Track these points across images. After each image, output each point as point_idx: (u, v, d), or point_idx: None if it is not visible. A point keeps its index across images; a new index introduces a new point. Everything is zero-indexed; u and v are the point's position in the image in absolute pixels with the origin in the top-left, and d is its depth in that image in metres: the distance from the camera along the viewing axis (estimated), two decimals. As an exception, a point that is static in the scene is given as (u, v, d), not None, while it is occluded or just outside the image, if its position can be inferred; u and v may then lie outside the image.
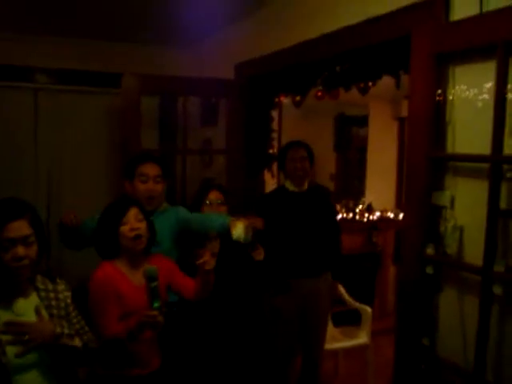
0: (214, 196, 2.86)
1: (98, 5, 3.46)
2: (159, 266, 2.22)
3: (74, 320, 1.86)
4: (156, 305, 2.02)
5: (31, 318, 1.68)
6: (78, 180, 4.37)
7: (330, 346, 3.67)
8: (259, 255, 2.80)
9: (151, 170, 2.74)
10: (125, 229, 2.21)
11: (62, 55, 4.29)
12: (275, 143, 4.21)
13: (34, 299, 1.74)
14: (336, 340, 3.79)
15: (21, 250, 1.64)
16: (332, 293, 3.47)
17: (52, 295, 1.80)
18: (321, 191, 3.46)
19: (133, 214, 2.24)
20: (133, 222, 2.22)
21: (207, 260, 2.27)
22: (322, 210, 3.35)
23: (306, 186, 3.33)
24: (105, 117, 4.47)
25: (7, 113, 4.24)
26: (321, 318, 3.38)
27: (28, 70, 4.28)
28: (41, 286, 1.76)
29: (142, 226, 2.25)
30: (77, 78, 4.38)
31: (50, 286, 1.81)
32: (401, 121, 5.85)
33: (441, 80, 2.23)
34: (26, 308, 1.70)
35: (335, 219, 3.60)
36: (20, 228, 1.66)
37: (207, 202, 2.85)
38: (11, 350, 1.59)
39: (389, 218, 5.32)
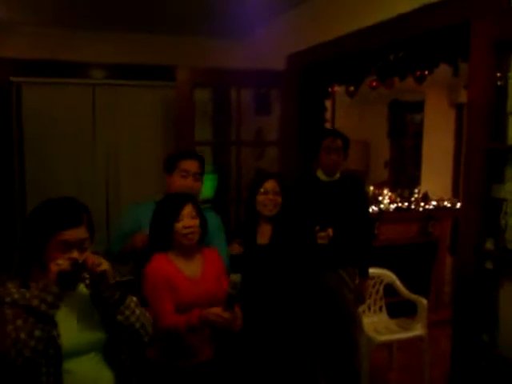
0: (270, 185, 2.83)
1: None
2: (212, 258, 2.35)
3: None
4: (230, 310, 2.12)
5: (79, 308, 1.75)
6: (135, 173, 4.47)
7: (384, 337, 3.65)
8: (324, 239, 2.82)
9: (192, 166, 2.73)
10: (179, 226, 2.28)
11: (117, 50, 4.38)
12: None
13: (80, 290, 1.79)
14: (391, 332, 3.75)
15: (75, 255, 1.66)
16: (358, 290, 3.34)
17: None
18: (353, 181, 3.39)
19: (187, 211, 2.31)
20: (187, 220, 2.29)
21: None
22: (352, 201, 3.28)
23: (337, 175, 3.28)
24: (159, 110, 4.55)
25: (67, 109, 4.38)
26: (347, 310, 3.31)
27: (86, 65, 4.40)
28: (87, 277, 1.78)
29: (196, 223, 2.32)
30: (132, 72, 4.46)
31: None
32: (458, 107, 5.67)
33: (502, 68, 2.15)
34: (75, 300, 1.76)
35: (367, 210, 3.53)
36: (78, 234, 1.69)
37: (262, 190, 2.82)
38: (66, 335, 1.67)
39: (445, 206, 5.18)
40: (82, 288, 1.80)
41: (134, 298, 1.82)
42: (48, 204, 1.74)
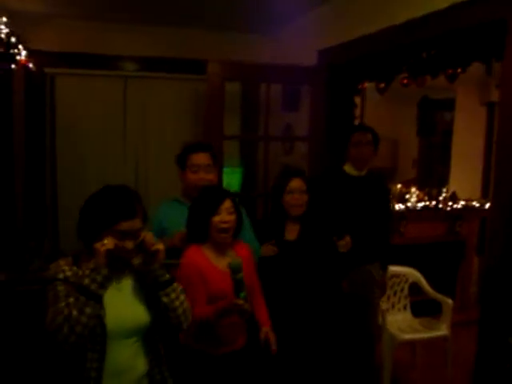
0: (296, 184, 2.81)
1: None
2: (243, 255, 2.36)
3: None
4: (242, 295, 2.13)
5: (127, 291, 1.83)
6: (164, 166, 4.52)
7: (408, 336, 3.63)
8: (344, 247, 2.81)
9: (201, 159, 2.71)
10: (216, 220, 2.31)
11: (149, 43, 4.44)
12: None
13: (129, 273, 1.86)
14: (415, 330, 3.74)
15: (130, 245, 1.73)
16: (382, 282, 3.39)
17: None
18: (377, 178, 3.40)
19: (226, 206, 2.33)
20: (224, 215, 2.32)
21: None
22: (377, 197, 3.30)
23: (365, 171, 3.28)
24: (189, 103, 4.60)
25: (99, 100, 4.46)
26: (371, 306, 3.35)
27: (118, 58, 4.47)
28: (135, 261, 1.84)
29: (232, 218, 2.34)
30: (164, 64, 4.52)
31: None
32: (490, 106, 5.58)
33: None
34: (123, 283, 1.84)
35: (388, 206, 3.53)
36: (133, 225, 1.74)
37: (288, 189, 2.80)
38: (112, 315, 1.74)
39: (473, 206, 5.11)
40: (130, 274, 1.86)
41: (179, 285, 1.88)
42: (105, 193, 1.80)
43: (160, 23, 4.37)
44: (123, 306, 1.80)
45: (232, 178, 4.54)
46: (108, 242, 1.66)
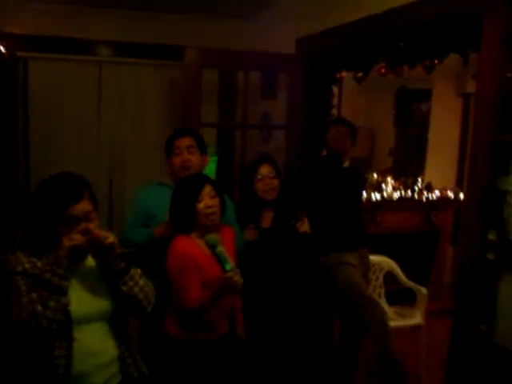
0: (265, 170, 2.86)
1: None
2: (227, 237, 2.39)
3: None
4: (228, 267, 2.12)
5: (89, 278, 1.83)
6: (139, 152, 4.47)
7: (382, 324, 3.67)
8: (303, 227, 2.85)
9: (184, 141, 2.76)
10: (200, 206, 2.30)
11: (125, 28, 4.36)
12: (334, 119, 4.16)
13: (89, 260, 1.85)
14: (389, 319, 3.77)
15: (83, 228, 1.71)
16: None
17: None
18: (357, 172, 3.53)
19: (207, 191, 2.33)
20: (207, 200, 2.32)
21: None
22: (357, 188, 3.43)
23: (346, 163, 3.34)
24: (166, 90, 4.54)
25: (73, 85, 4.37)
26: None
27: (93, 43, 4.38)
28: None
29: (216, 202, 2.35)
30: (140, 50, 4.44)
31: None
32: (466, 97, 5.63)
33: (512, 60, 2.14)
34: (85, 270, 1.83)
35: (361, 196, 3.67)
36: (82, 208, 1.74)
37: (259, 176, 2.85)
38: (76, 302, 1.74)
39: (448, 197, 5.18)
40: (91, 260, 1.85)
41: (139, 270, 1.88)
42: (48, 182, 1.79)
43: (136, 7, 4.29)
44: (86, 291, 1.80)
45: (209, 167, 4.50)
46: (77, 238, 1.66)
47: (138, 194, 2.84)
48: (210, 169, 4.61)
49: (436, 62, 3.74)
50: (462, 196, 5.03)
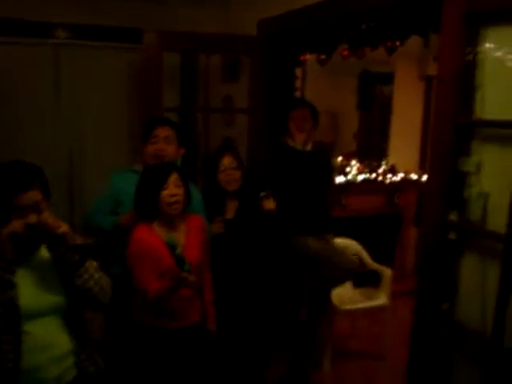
0: (227, 161, 2.88)
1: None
2: (194, 225, 2.40)
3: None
4: (185, 268, 2.14)
5: (40, 271, 1.77)
6: (99, 137, 4.36)
7: (348, 306, 3.71)
8: (269, 204, 2.90)
9: (162, 131, 2.76)
10: (164, 194, 2.29)
11: (83, 10, 4.21)
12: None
13: (42, 253, 1.81)
14: (355, 301, 3.82)
15: (33, 218, 1.67)
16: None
17: None
18: (322, 152, 3.51)
19: (173, 179, 2.32)
20: (172, 188, 2.30)
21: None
22: (322, 171, 3.41)
23: (309, 146, 3.34)
24: (127, 73, 4.42)
25: (29, 69, 4.21)
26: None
27: (49, 25, 4.22)
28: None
29: (181, 191, 2.34)
30: (98, 33, 4.31)
31: None
32: (428, 80, 5.70)
33: (472, 42, 2.15)
34: (36, 263, 1.78)
35: (330, 180, 3.65)
36: (31, 197, 1.68)
37: (221, 167, 2.87)
38: (27, 295, 1.70)
39: (411, 179, 5.26)
40: (45, 252, 1.80)
41: (94, 263, 1.83)
42: None
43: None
44: (36, 284, 1.75)
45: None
46: (14, 224, 1.61)
47: (111, 179, 2.81)
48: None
49: (398, 43, 3.75)
50: (424, 178, 5.10)
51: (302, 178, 3.27)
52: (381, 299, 3.78)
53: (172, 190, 2.30)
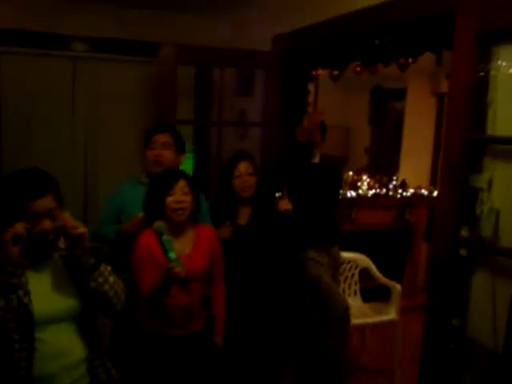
0: (243, 167, 2.87)
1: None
2: (206, 235, 2.43)
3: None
4: (171, 255, 2.13)
5: (54, 277, 1.77)
6: (114, 148, 4.42)
7: (358, 320, 3.70)
8: (285, 204, 2.89)
9: (160, 137, 2.81)
10: (170, 200, 2.31)
11: (100, 23, 4.30)
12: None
13: (55, 258, 1.80)
14: (364, 315, 3.81)
15: (47, 225, 1.68)
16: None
17: None
18: (331, 165, 3.51)
19: (180, 186, 2.34)
20: (178, 195, 2.32)
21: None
22: (329, 183, 3.40)
23: (317, 158, 3.31)
24: (142, 86, 4.49)
25: (46, 81, 4.29)
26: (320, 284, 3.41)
27: (66, 38, 4.31)
28: (62, 246, 1.79)
29: (188, 198, 2.35)
30: (115, 46, 4.39)
31: None
32: (440, 96, 5.71)
33: (484, 60, 2.18)
34: (49, 269, 1.78)
35: (338, 194, 3.68)
36: (45, 204, 1.69)
37: (237, 173, 2.85)
38: (39, 302, 1.69)
39: (422, 194, 5.25)
40: (58, 258, 1.80)
41: (109, 267, 1.83)
42: (11, 177, 1.75)
43: (112, 2, 4.24)
44: (50, 290, 1.74)
45: (185, 164, 4.48)
46: (16, 227, 1.59)
47: (121, 186, 2.87)
48: (187, 166, 4.60)
49: (410, 60, 3.79)
50: (435, 194, 5.10)
51: (304, 190, 3.25)
52: (390, 314, 3.76)
53: (178, 196, 2.31)
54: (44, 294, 1.72)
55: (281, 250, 2.91)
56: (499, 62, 2.15)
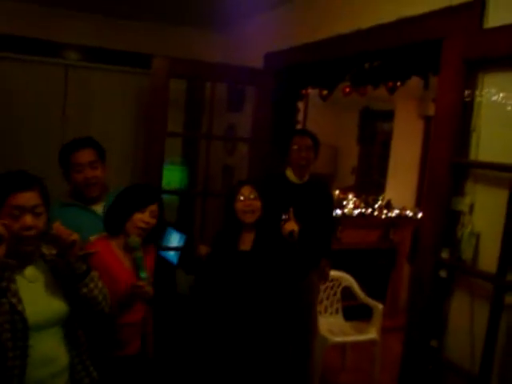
0: (247, 191, 2.79)
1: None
2: (149, 256, 2.38)
3: None
4: (142, 275, 2.12)
5: (42, 283, 1.76)
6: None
7: (339, 339, 3.72)
8: (291, 225, 2.79)
9: (84, 157, 2.55)
10: (138, 217, 2.28)
11: (93, 33, 4.32)
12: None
13: (40, 264, 1.80)
14: (345, 334, 3.83)
15: (29, 220, 1.67)
16: (322, 275, 3.49)
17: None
18: (320, 185, 3.46)
19: (152, 209, 2.32)
20: (147, 216, 2.30)
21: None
22: (319, 204, 3.34)
23: (306, 177, 3.32)
24: (133, 97, 4.52)
25: (38, 87, 4.29)
26: (311, 311, 3.44)
27: (59, 45, 4.33)
28: (46, 252, 1.81)
29: (153, 222, 2.33)
30: (108, 56, 4.42)
31: (54, 251, 1.83)
32: (427, 119, 5.81)
33: (469, 86, 2.23)
34: (37, 275, 1.77)
35: (331, 214, 3.61)
36: (29, 198, 1.68)
37: (240, 197, 2.78)
38: (32, 306, 1.68)
39: (407, 215, 5.31)
40: (44, 264, 1.80)
41: (96, 272, 1.86)
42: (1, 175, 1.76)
43: (106, 13, 4.27)
44: (39, 297, 1.74)
45: (173, 176, 4.50)
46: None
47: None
48: (176, 178, 4.62)
49: (398, 84, 3.86)
50: (420, 215, 5.15)
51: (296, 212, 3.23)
52: (371, 333, 3.79)
53: (146, 217, 2.29)
54: (34, 300, 1.72)
55: (283, 277, 2.82)
56: (484, 89, 2.20)
